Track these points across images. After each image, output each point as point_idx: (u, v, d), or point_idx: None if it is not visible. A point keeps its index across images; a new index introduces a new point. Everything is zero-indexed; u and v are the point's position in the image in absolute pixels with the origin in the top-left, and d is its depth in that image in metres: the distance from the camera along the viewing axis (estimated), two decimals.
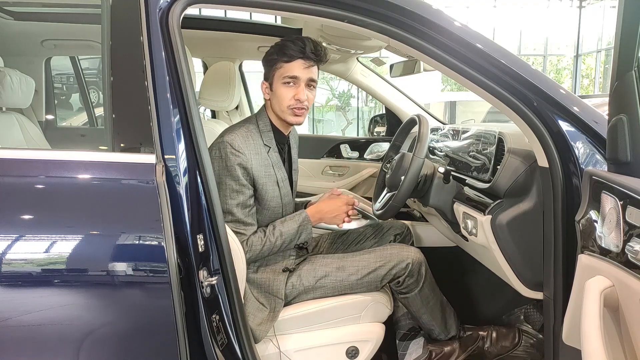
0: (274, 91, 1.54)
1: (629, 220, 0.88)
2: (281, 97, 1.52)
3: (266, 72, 1.57)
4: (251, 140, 1.52)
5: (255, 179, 1.51)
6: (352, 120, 12.72)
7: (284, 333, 1.57)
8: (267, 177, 1.54)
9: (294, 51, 1.49)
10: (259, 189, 1.53)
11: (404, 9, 1.19)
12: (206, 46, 2.80)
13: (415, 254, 1.64)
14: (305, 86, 1.53)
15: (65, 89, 3.31)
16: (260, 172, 1.52)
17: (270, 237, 1.53)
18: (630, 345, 0.89)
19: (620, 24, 0.94)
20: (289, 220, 1.58)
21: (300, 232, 1.58)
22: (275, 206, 1.59)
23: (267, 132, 1.58)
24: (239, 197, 1.49)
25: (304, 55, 1.50)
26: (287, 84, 1.51)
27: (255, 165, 1.50)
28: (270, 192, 1.55)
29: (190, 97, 1.17)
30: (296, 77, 1.50)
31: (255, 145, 1.53)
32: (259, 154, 1.53)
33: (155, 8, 1.14)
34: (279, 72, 1.51)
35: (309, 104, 1.54)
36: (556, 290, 1.27)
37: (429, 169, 1.70)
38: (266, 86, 1.57)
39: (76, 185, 1.10)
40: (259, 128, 1.57)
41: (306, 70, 1.51)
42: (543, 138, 1.21)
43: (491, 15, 12.89)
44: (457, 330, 1.77)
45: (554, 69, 14.64)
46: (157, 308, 1.10)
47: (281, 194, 1.59)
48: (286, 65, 1.50)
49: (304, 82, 1.52)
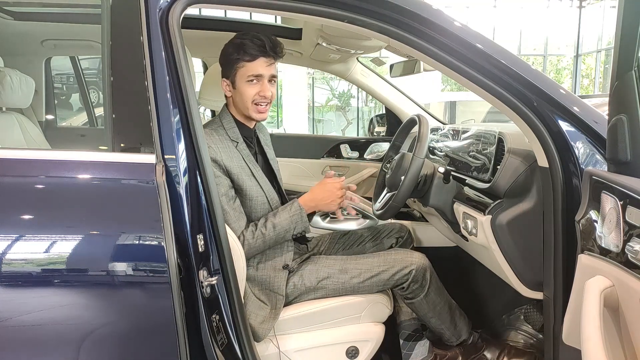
0: (237, 89, 1.56)
1: (629, 220, 0.88)
2: (245, 94, 1.55)
3: (226, 71, 1.58)
4: (216, 136, 1.54)
5: (229, 170, 1.52)
6: (352, 120, 12.72)
7: (284, 333, 1.57)
8: (240, 168, 1.55)
9: (255, 50, 1.51)
10: (235, 180, 1.54)
11: (404, 9, 1.19)
12: (206, 46, 2.78)
13: (420, 259, 1.64)
14: (268, 82, 1.55)
15: (65, 89, 3.31)
16: (232, 163, 1.53)
17: (262, 230, 1.52)
18: (630, 345, 0.89)
19: (620, 24, 0.94)
20: (281, 211, 1.57)
21: (294, 222, 1.55)
22: (257, 195, 1.58)
23: (232, 128, 1.60)
24: (220, 188, 1.48)
25: (266, 53, 1.52)
26: (250, 82, 1.54)
27: (224, 157, 1.51)
28: (247, 181, 1.56)
29: (190, 97, 1.17)
30: (260, 75, 1.53)
31: (220, 140, 1.54)
32: (226, 147, 1.54)
33: (155, 8, 1.14)
34: (242, 70, 1.54)
35: (272, 98, 1.57)
36: (556, 290, 1.27)
37: (429, 169, 1.70)
38: (227, 84, 1.59)
39: (76, 186, 1.10)
40: (223, 125, 1.60)
41: (268, 67, 1.54)
42: (543, 138, 1.21)
43: (491, 15, 12.88)
44: (468, 334, 1.76)
45: (554, 69, 14.63)
46: (157, 308, 1.10)
47: (259, 183, 1.59)
48: (248, 65, 1.52)
49: (267, 78, 1.55)
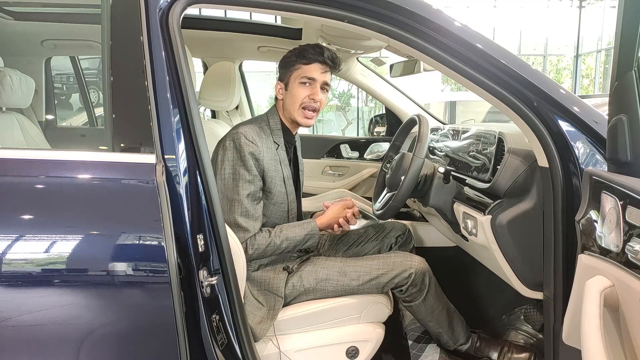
0: (289, 91, 1.60)
1: (629, 220, 0.88)
2: (297, 95, 1.58)
3: (282, 74, 1.63)
4: (263, 135, 1.58)
5: (265, 171, 1.55)
6: (352, 120, 12.71)
7: (284, 333, 1.57)
8: (275, 172, 1.59)
9: (312, 55, 1.57)
10: (267, 182, 1.57)
11: (404, 9, 1.19)
12: (206, 46, 2.80)
13: (420, 263, 1.64)
14: (320, 89, 1.59)
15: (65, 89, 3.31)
16: (270, 165, 1.57)
17: (275, 240, 1.55)
18: (630, 345, 0.89)
19: (620, 24, 0.94)
20: (297, 227, 1.61)
21: (306, 240, 1.61)
22: (282, 202, 1.62)
23: (277, 130, 1.63)
24: (251, 187, 1.52)
25: (322, 59, 1.58)
26: (303, 84, 1.58)
27: (266, 157, 1.55)
28: (277, 186, 1.59)
29: (190, 97, 1.17)
30: (313, 79, 1.58)
31: (266, 140, 1.58)
32: (269, 148, 1.58)
33: (155, 8, 1.14)
34: (297, 72, 1.58)
35: (321, 105, 1.62)
36: (556, 290, 1.27)
37: (429, 169, 1.70)
38: (281, 87, 1.63)
39: (76, 185, 1.10)
40: (270, 126, 1.63)
41: (323, 74, 1.60)
42: (543, 138, 1.21)
43: (491, 15, 12.88)
44: (466, 338, 1.77)
45: (554, 69, 14.61)
46: (157, 308, 1.10)
47: (287, 191, 1.63)
48: (304, 67, 1.58)
49: (320, 84, 1.59)
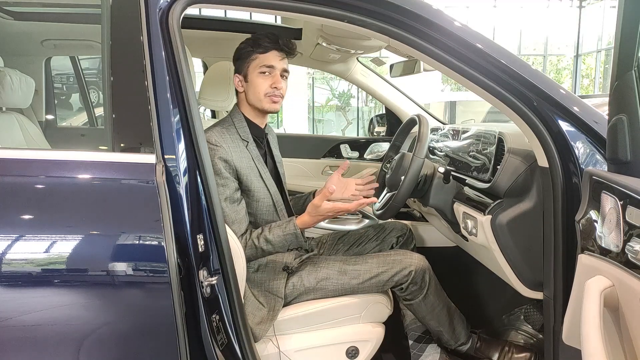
0: (250, 82, 1.59)
1: (629, 220, 0.88)
2: (258, 86, 1.57)
3: (239, 66, 1.62)
4: (227, 135, 1.56)
5: (238, 170, 1.53)
6: (352, 120, 12.72)
7: (284, 333, 1.57)
8: (249, 169, 1.56)
9: (269, 43, 1.57)
10: (244, 180, 1.55)
11: (404, 9, 1.19)
12: (206, 46, 2.79)
13: (419, 261, 1.63)
14: (279, 76, 1.58)
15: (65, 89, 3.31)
16: (242, 163, 1.54)
17: (255, 241, 1.53)
18: (630, 345, 0.89)
19: (620, 24, 0.94)
20: (276, 227, 1.54)
21: (288, 241, 1.53)
22: (264, 197, 1.60)
23: (243, 126, 1.61)
24: (225, 190, 1.50)
25: (279, 46, 1.58)
26: (263, 73, 1.57)
27: (235, 157, 1.53)
28: (255, 182, 1.57)
29: (191, 97, 1.17)
30: (272, 66, 1.57)
31: (232, 139, 1.56)
32: (237, 147, 1.55)
33: (155, 8, 1.14)
34: (255, 62, 1.57)
35: (283, 92, 1.60)
36: (556, 290, 1.27)
37: (429, 169, 1.70)
38: (240, 79, 1.62)
39: (76, 186, 1.10)
40: (234, 124, 1.61)
41: (281, 61, 1.59)
42: (543, 138, 1.21)
43: (491, 15, 12.88)
44: (466, 337, 1.76)
45: (554, 69, 14.61)
46: (157, 308, 1.10)
47: (266, 184, 1.61)
48: (261, 56, 1.57)
49: (279, 71, 1.58)
